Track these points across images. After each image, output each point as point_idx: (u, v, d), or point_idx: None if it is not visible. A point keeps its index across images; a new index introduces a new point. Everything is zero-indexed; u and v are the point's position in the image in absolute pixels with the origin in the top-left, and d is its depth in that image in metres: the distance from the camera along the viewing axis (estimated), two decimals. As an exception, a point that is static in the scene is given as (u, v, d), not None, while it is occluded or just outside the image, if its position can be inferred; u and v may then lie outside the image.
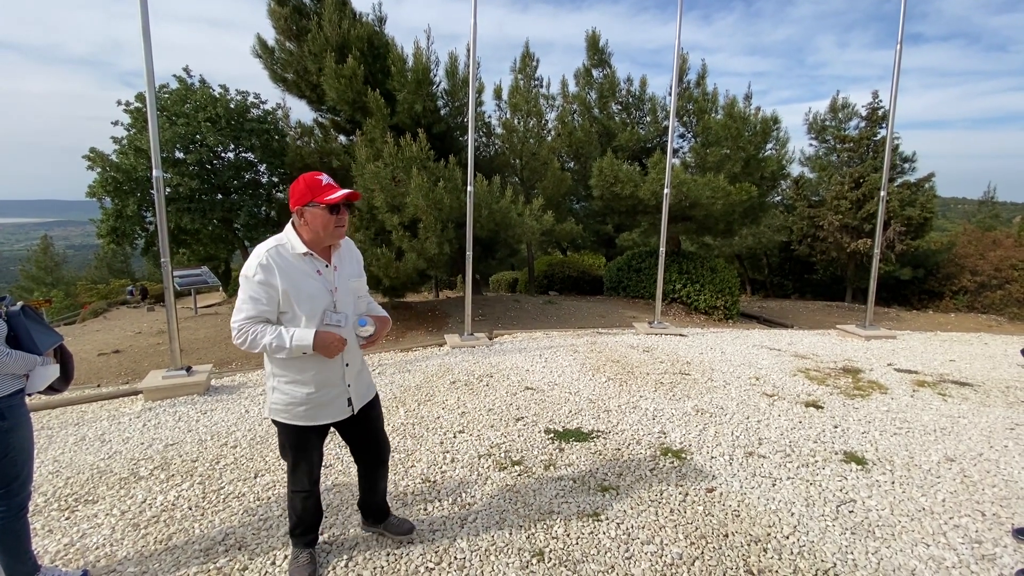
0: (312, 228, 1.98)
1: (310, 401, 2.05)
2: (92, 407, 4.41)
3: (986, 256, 15.09)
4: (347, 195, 1.96)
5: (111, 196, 9.02)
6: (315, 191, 1.95)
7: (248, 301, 1.93)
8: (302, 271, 1.98)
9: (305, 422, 2.07)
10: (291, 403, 2.05)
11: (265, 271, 1.91)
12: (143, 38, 4.43)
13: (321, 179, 1.97)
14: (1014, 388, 4.88)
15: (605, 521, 2.64)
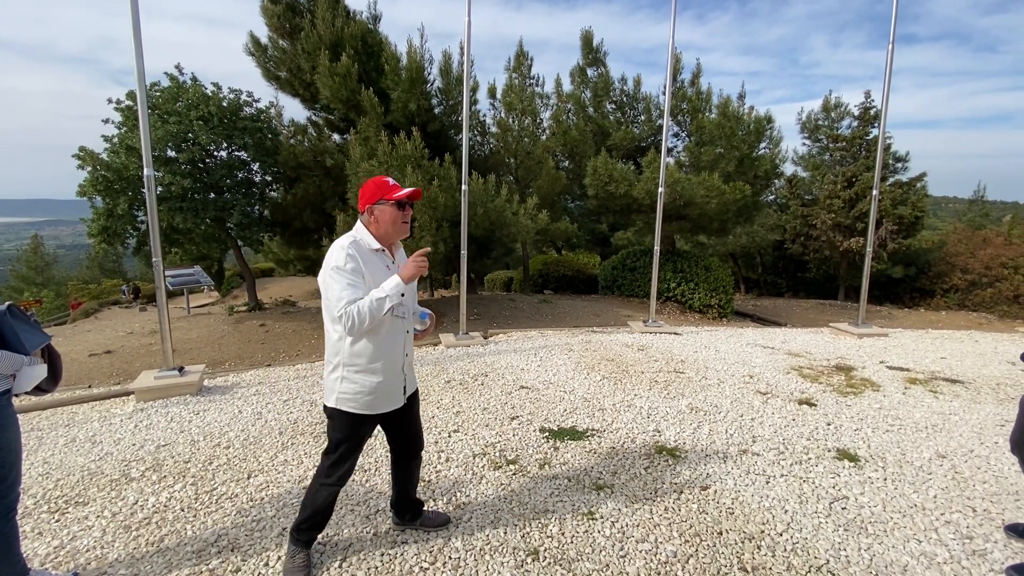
0: (382, 224, 2.13)
1: (378, 390, 2.15)
2: (83, 408, 4.36)
3: (976, 255, 15.23)
4: (412, 192, 2.13)
5: (102, 195, 8.92)
6: (384, 190, 2.12)
7: (347, 288, 2.01)
8: (376, 264, 2.13)
9: (369, 411, 2.17)
10: (360, 392, 2.13)
11: (353, 260, 2.05)
12: (134, 35, 4.39)
13: (388, 180, 2.15)
14: (1004, 385, 4.93)
15: (600, 519, 2.64)
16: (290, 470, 3.16)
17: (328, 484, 2.20)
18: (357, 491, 2.90)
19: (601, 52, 13.21)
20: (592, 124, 12.78)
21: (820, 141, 18.83)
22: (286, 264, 14.18)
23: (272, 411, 4.16)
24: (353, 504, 2.77)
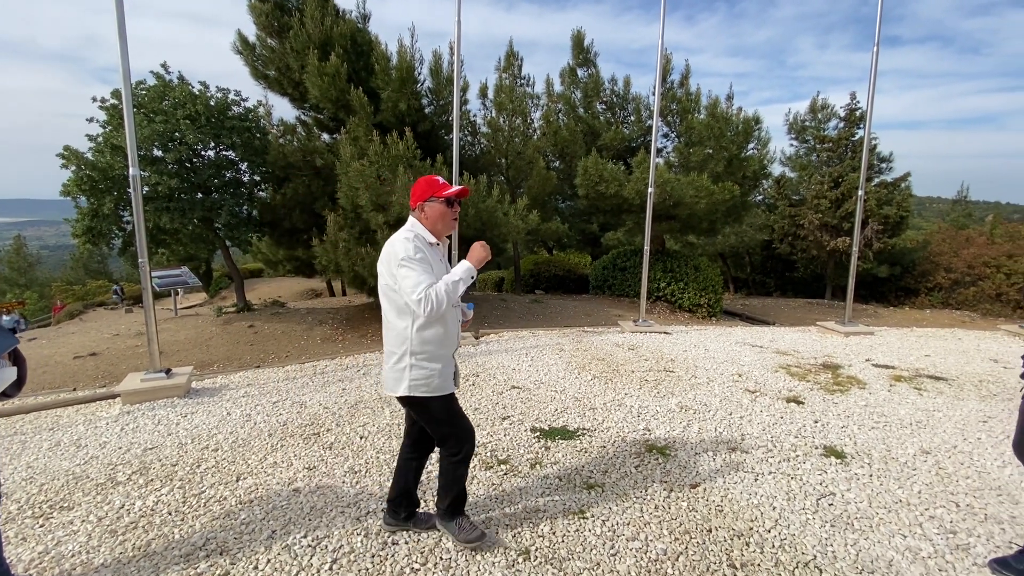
0: (432, 220, 2.26)
1: (443, 374, 2.28)
2: (67, 411, 4.30)
3: (960, 254, 15.50)
4: (460, 190, 2.27)
5: (86, 195, 8.78)
6: (434, 188, 2.25)
7: (423, 274, 2.13)
8: (434, 256, 2.26)
9: (443, 392, 2.28)
10: (430, 375, 2.25)
11: (419, 250, 2.17)
12: (119, 33, 4.33)
13: (438, 179, 2.28)
14: (987, 382, 5.02)
15: (591, 518, 2.65)
16: (280, 472, 3.14)
17: (461, 459, 2.35)
18: (347, 492, 2.89)
19: (591, 53, 13.25)
20: (582, 124, 12.82)
21: (807, 142, 19.05)
22: (275, 265, 14.05)
23: (261, 413, 4.12)
24: (343, 506, 2.76)
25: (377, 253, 8.75)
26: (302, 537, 2.49)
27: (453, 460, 2.35)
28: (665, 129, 12.21)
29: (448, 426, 2.33)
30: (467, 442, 2.35)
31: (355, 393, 4.57)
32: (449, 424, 2.33)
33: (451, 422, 2.33)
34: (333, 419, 3.96)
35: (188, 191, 9.15)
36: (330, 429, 3.77)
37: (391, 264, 2.18)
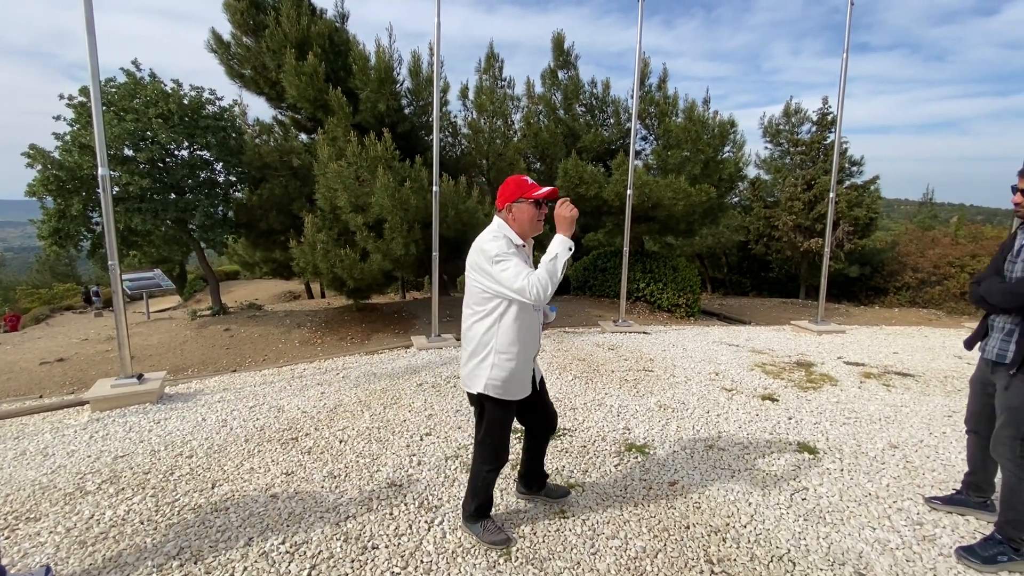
0: (520, 222, 2.26)
1: (521, 378, 2.33)
2: (33, 419, 4.15)
3: (926, 254, 16.03)
4: (550, 192, 2.24)
5: (53, 195, 8.49)
6: (523, 188, 2.24)
7: (518, 265, 2.16)
8: (520, 259, 2.25)
9: (514, 397, 2.34)
10: (508, 379, 2.29)
11: (508, 247, 2.21)
12: (87, 29, 4.21)
13: (527, 179, 2.28)
14: (951, 378, 5.21)
15: (571, 518, 2.67)
16: (257, 478, 3.08)
17: (491, 469, 2.41)
18: (326, 497, 2.86)
19: (572, 55, 13.32)
20: (563, 126, 12.89)
21: (781, 145, 19.48)
22: (252, 267, 13.77)
23: (238, 418, 4.05)
24: (322, 511, 2.73)
25: (356, 255, 8.70)
26: (280, 543, 2.46)
27: (486, 470, 2.41)
28: (644, 132, 12.37)
29: (498, 435, 2.37)
30: (503, 458, 2.42)
31: (334, 397, 4.51)
32: (499, 434, 2.37)
33: (502, 433, 2.38)
34: (312, 423, 3.91)
35: (161, 191, 8.93)
36: (308, 433, 3.72)
37: (482, 263, 2.21)
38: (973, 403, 2.66)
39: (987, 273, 2.49)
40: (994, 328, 2.45)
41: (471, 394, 2.36)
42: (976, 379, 2.62)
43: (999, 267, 2.46)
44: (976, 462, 2.71)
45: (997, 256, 2.51)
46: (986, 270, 2.52)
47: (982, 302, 2.43)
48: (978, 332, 2.55)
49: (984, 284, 2.43)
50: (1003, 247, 2.50)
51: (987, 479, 2.71)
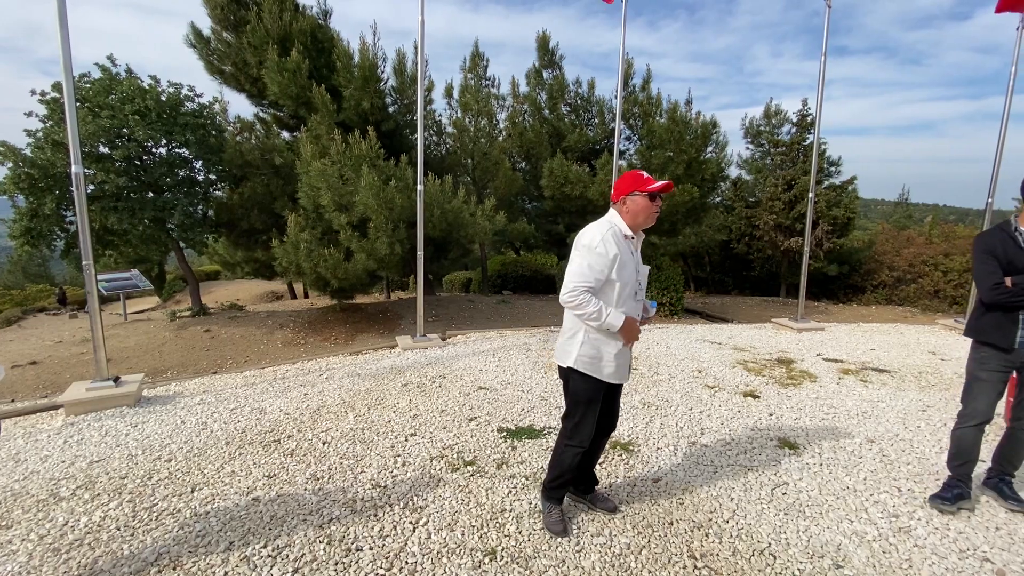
0: (632, 214, 2.34)
1: (612, 361, 2.37)
2: (5, 424, 4.03)
3: (901, 253, 16.41)
4: (664, 185, 2.31)
5: (25, 194, 8.26)
6: (639, 182, 2.31)
7: (586, 268, 2.26)
8: (627, 250, 2.33)
9: (602, 376, 2.37)
10: (597, 358, 2.36)
11: (606, 244, 2.26)
12: (59, 22, 4.09)
13: (643, 174, 2.34)
14: (926, 373, 5.34)
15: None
16: (238, 482, 3.04)
17: (574, 446, 2.44)
18: (309, 500, 2.83)
19: (556, 55, 13.37)
20: (548, 126, 12.93)
21: (762, 146, 19.75)
22: (233, 267, 13.56)
23: (218, 421, 3.98)
24: (305, 514, 2.70)
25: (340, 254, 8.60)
26: (262, 547, 2.42)
27: (569, 444, 2.46)
28: (627, 132, 12.46)
29: (580, 411, 2.42)
30: (587, 437, 2.44)
31: (317, 398, 4.47)
32: (582, 409, 2.42)
33: (588, 408, 2.42)
34: (294, 425, 3.87)
35: (138, 190, 8.75)
36: (291, 436, 3.68)
37: (577, 244, 2.33)
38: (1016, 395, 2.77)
39: (994, 275, 2.55)
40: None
41: (561, 367, 2.46)
42: (1002, 367, 2.67)
43: (1016, 266, 2.53)
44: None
45: (994, 256, 2.58)
46: (987, 273, 2.57)
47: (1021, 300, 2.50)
48: (1009, 328, 2.59)
49: (1021, 281, 2.49)
50: (1001, 247, 2.58)
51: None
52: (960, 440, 2.80)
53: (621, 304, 2.33)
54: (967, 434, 2.77)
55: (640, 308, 2.46)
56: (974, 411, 2.74)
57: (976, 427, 2.74)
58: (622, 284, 2.31)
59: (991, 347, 2.67)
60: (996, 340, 2.63)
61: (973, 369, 2.76)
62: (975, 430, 2.75)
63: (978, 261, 2.65)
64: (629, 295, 2.36)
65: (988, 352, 2.69)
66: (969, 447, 2.78)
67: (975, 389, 2.75)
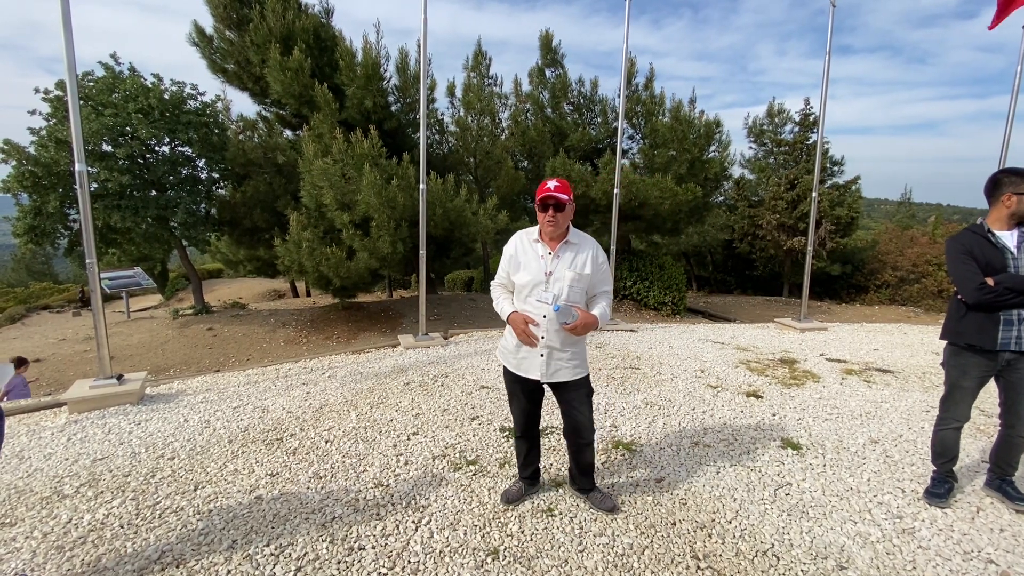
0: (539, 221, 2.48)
1: (515, 352, 2.54)
2: (9, 421, 4.04)
3: (905, 253, 16.37)
4: (544, 196, 2.35)
5: (29, 192, 8.28)
6: (537, 192, 2.41)
7: (500, 267, 2.63)
8: (532, 252, 2.50)
9: (511, 368, 2.58)
10: (505, 348, 2.61)
11: (509, 245, 2.56)
12: (63, 21, 4.10)
13: (546, 183, 2.39)
14: (929, 374, 5.32)
15: (559, 516, 2.68)
16: (241, 480, 3.04)
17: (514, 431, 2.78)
18: (312, 498, 2.83)
19: (559, 54, 13.35)
20: (550, 125, 12.91)
21: (765, 145, 19.72)
22: (235, 265, 13.59)
23: (221, 419, 3.98)
24: (308, 512, 2.70)
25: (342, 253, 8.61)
26: (264, 546, 2.43)
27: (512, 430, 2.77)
28: (630, 131, 12.43)
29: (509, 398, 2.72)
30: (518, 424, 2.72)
31: (320, 396, 4.47)
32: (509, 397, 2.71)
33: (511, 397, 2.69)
34: (297, 423, 3.87)
35: (141, 188, 8.77)
36: (294, 434, 3.68)
37: None
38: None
39: (977, 276, 2.55)
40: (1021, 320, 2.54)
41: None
42: (983, 373, 2.67)
43: (994, 266, 2.54)
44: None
45: (972, 256, 2.58)
46: (971, 273, 2.57)
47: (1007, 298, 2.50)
48: (991, 329, 2.58)
49: (1005, 280, 2.49)
50: (978, 248, 2.58)
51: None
52: (943, 441, 2.87)
53: (522, 303, 2.50)
54: (948, 436, 2.85)
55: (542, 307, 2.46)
56: (957, 415, 2.79)
57: (956, 429, 2.83)
58: (520, 285, 2.50)
59: (973, 351, 2.67)
60: (978, 342, 2.63)
61: (956, 377, 2.77)
62: (955, 431, 2.84)
63: (957, 263, 2.64)
64: (529, 295, 2.47)
65: (969, 359, 2.69)
66: (952, 446, 2.86)
67: (956, 396, 2.78)
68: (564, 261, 2.46)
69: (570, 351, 2.51)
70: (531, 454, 2.78)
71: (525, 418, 2.67)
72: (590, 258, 2.50)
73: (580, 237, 2.54)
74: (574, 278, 2.44)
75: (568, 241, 2.49)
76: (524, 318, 2.45)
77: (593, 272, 2.50)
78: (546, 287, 2.44)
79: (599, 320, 2.45)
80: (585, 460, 2.69)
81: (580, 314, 2.38)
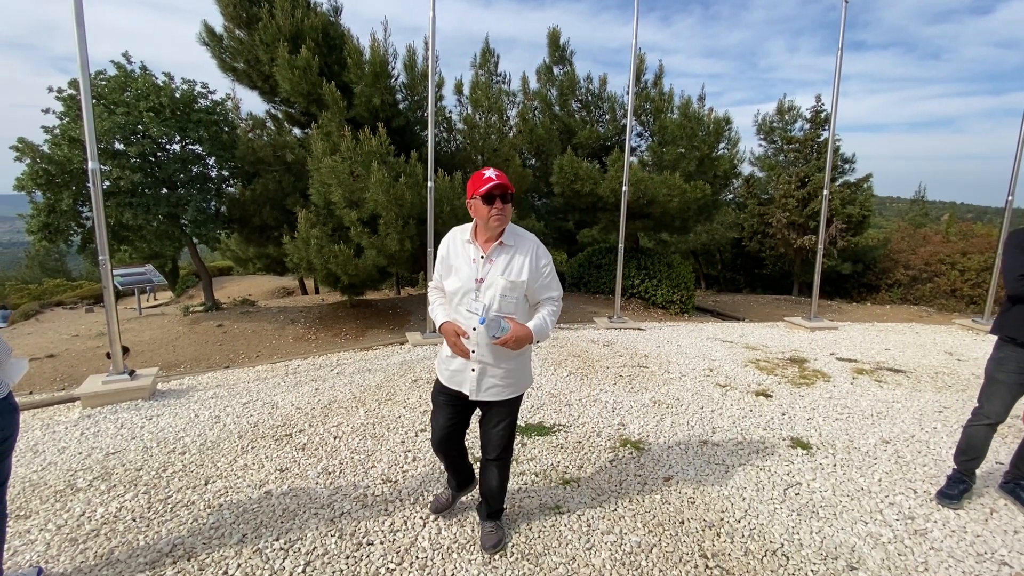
0: (476, 217, 2.19)
1: (447, 363, 2.31)
2: (23, 416, 4.10)
3: (917, 252, 16.16)
4: (493, 185, 2.08)
5: (43, 189, 8.39)
6: (476, 183, 2.12)
7: (435, 269, 2.37)
8: (463, 254, 2.23)
9: (442, 379, 2.36)
10: (439, 355, 2.40)
11: (442, 245, 2.30)
12: (76, 20, 4.14)
13: (483, 173, 2.13)
14: (942, 374, 5.25)
15: (566, 513, 2.68)
16: (250, 475, 3.07)
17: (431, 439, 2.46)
18: (321, 493, 2.85)
19: (567, 51, 13.30)
20: (558, 122, 12.87)
21: (775, 143, 19.53)
22: (245, 262, 13.69)
23: (231, 415, 4.02)
24: (317, 507, 2.72)
25: (350, 250, 8.66)
26: (274, 540, 2.45)
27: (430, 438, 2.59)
28: (639, 128, 12.37)
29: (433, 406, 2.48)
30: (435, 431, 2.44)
31: (328, 393, 4.50)
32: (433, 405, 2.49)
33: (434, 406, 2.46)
34: (306, 420, 3.90)
35: (152, 186, 8.84)
36: (303, 430, 3.71)
37: None
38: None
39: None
40: None
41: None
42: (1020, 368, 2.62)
43: None
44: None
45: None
46: (1019, 264, 2.54)
47: None
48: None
49: None
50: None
51: None
52: (971, 436, 2.80)
53: (453, 312, 2.23)
54: (978, 432, 2.77)
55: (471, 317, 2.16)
56: (989, 411, 2.72)
57: (988, 426, 2.74)
58: (450, 292, 2.21)
59: (1012, 344, 2.63)
60: (1015, 334, 2.60)
61: (992, 370, 2.73)
62: (987, 429, 2.75)
63: (1012, 255, 2.61)
64: (460, 304, 2.19)
65: (1008, 352, 2.66)
66: (979, 444, 2.78)
67: (991, 390, 2.73)
68: (497, 266, 2.15)
69: (505, 367, 2.21)
70: (453, 465, 2.53)
71: (442, 434, 2.36)
72: (528, 262, 2.16)
73: (517, 238, 2.21)
74: (507, 286, 2.12)
75: (502, 243, 2.17)
76: (455, 329, 2.17)
77: (531, 278, 2.17)
78: (476, 296, 2.14)
79: (534, 334, 2.13)
80: (491, 486, 2.39)
81: (512, 326, 2.08)
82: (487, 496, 2.44)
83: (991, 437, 2.76)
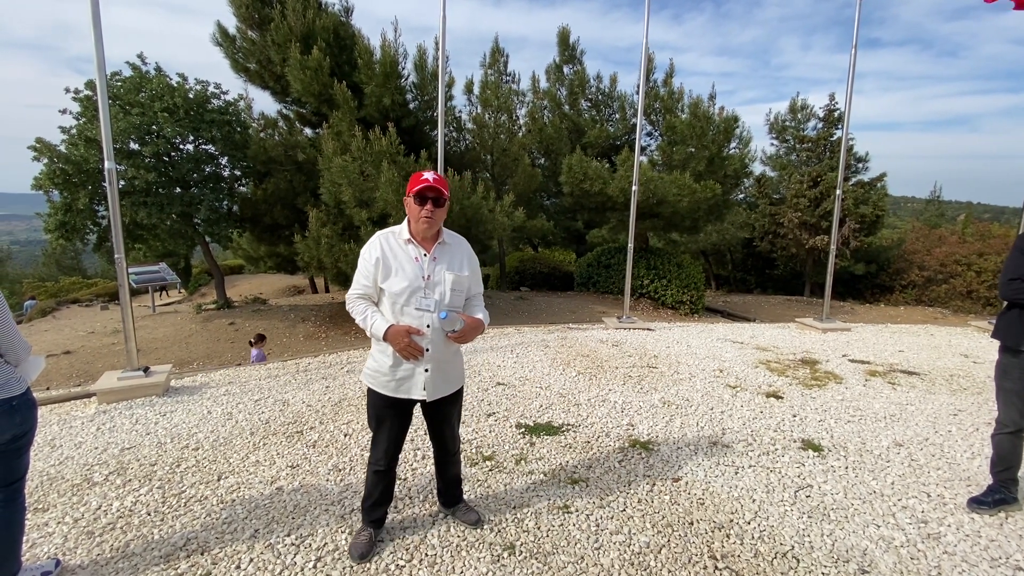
0: (409, 215, 2.22)
1: (391, 373, 2.23)
2: (41, 411, 4.17)
3: (932, 252, 15.92)
4: (423, 187, 2.12)
5: (60, 189, 8.55)
6: (411, 183, 2.17)
7: (358, 276, 2.23)
8: (404, 255, 2.20)
9: (387, 392, 2.25)
10: (377, 371, 2.26)
11: (370, 249, 2.20)
12: (92, 22, 4.21)
13: (422, 174, 2.16)
14: (957, 376, 5.18)
15: (575, 513, 2.68)
16: (262, 471, 3.10)
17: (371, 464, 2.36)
18: (332, 490, 2.88)
19: (577, 50, 13.30)
20: (568, 122, 12.86)
21: (787, 142, 19.34)
22: (256, 261, 13.83)
23: (243, 411, 4.07)
24: (328, 504, 2.74)
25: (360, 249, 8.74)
26: (285, 536, 2.47)
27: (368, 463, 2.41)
28: (649, 128, 12.33)
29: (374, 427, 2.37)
30: (380, 457, 2.33)
31: (339, 391, 4.53)
32: (376, 425, 2.36)
33: (378, 426, 2.34)
34: (317, 417, 3.93)
35: (166, 185, 8.97)
36: (314, 427, 3.74)
37: None
38: None
39: (1019, 270, 2.50)
40: None
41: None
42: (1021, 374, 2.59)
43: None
44: None
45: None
46: (1014, 267, 2.52)
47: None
48: (1018, 327, 2.53)
49: None
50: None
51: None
52: (999, 446, 2.76)
53: (398, 314, 2.17)
54: (1003, 441, 2.73)
55: (425, 317, 2.17)
56: (1007, 420, 2.69)
57: (1011, 434, 2.69)
58: (394, 293, 2.15)
59: (1009, 352, 2.62)
60: (1005, 340, 2.60)
61: (999, 378, 2.72)
62: (1011, 437, 2.69)
63: (1011, 257, 2.59)
64: (407, 304, 2.16)
65: (1008, 359, 2.64)
66: (1008, 454, 2.72)
67: (1003, 398, 2.70)
68: (442, 263, 2.23)
69: (454, 361, 2.33)
70: (388, 491, 2.42)
71: (395, 448, 2.34)
72: (467, 259, 2.31)
73: (452, 236, 2.32)
74: (455, 281, 2.22)
75: (443, 241, 2.26)
76: (407, 329, 2.14)
77: (471, 273, 2.31)
78: (425, 293, 2.17)
79: (484, 324, 2.29)
80: (453, 473, 2.56)
81: (465, 319, 2.18)
82: (451, 483, 2.59)
83: (1019, 444, 2.70)
